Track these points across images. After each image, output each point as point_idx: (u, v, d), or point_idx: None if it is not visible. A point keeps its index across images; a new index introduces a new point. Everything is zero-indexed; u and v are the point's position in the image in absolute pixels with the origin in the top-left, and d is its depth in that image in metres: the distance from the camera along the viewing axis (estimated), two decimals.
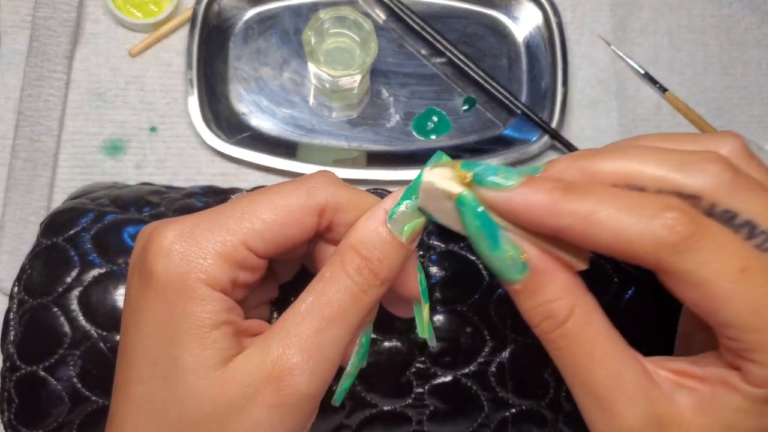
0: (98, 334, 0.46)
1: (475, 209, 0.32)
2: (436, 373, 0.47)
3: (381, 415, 0.48)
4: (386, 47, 0.69)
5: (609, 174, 0.32)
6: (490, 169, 0.31)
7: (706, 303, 0.29)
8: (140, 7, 0.68)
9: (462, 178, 0.32)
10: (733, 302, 0.29)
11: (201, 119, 0.65)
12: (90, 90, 0.67)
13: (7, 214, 0.62)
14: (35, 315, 0.46)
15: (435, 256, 0.49)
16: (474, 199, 0.32)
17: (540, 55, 0.69)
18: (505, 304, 0.47)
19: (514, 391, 0.47)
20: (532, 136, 0.67)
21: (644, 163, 0.31)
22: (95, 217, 0.49)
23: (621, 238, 0.29)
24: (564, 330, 0.32)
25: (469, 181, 0.32)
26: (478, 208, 0.32)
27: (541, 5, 0.69)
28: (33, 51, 0.66)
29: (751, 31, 0.72)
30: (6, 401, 0.46)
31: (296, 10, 0.70)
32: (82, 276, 0.47)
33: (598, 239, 0.30)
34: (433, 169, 0.33)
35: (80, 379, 0.46)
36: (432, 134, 0.68)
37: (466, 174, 0.32)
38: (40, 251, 0.48)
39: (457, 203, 0.32)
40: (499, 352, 0.47)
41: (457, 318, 0.47)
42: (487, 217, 0.32)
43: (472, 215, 0.32)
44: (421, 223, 0.35)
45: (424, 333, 0.38)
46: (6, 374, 0.46)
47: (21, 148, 0.64)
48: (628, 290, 0.48)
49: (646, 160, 0.31)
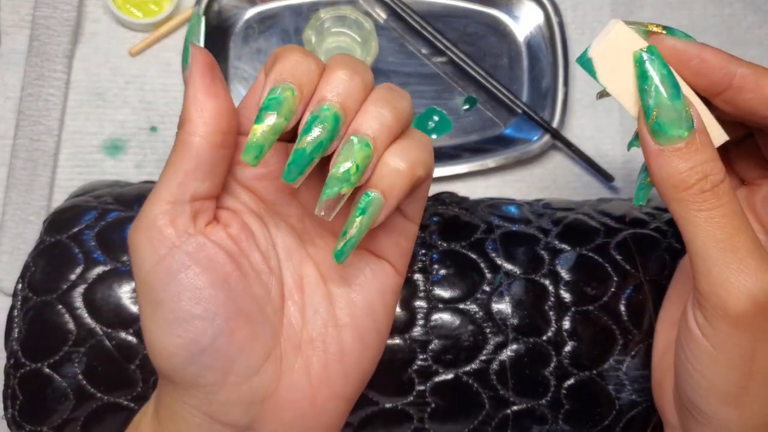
0: (103, 331, 0.46)
1: (663, 59, 0.35)
2: (437, 371, 0.47)
3: (382, 413, 0.48)
4: (387, 47, 0.70)
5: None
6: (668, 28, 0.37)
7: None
8: (140, 7, 0.68)
9: (650, 30, 0.37)
10: None
11: None
12: (90, 89, 0.67)
13: (7, 214, 0.62)
14: (39, 312, 0.46)
15: (437, 254, 0.49)
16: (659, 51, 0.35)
17: (541, 54, 0.69)
18: (507, 303, 0.48)
19: (515, 390, 0.47)
20: (533, 135, 0.67)
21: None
22: (99, 215, 0.49)
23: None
24: (719, 189, 0.34)
25: (657, 31, 0.37)
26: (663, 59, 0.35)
27: (542, 4, 0.69)
28: (33, 50, 0.66)
29: (753, 31, 0.72)
30: (10, 398, 0.46)
31: (296, 10, 0.70)
32: (86, 273, 0.47)
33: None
34: (617, 25, 0.36)
35: (85, 376, 0.46)
36: (432, 134, 0.68)
37: (657, 27, 0.37)
38: (43, 249, 0.48)
39: (648, 52, 0.35)
40: (501, 351, 0.47)
41: (459, 316, 0.47)
42: (670, 69, 0.35)
43: (661, 64, 0.35)
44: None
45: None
46: (10, 371, 0.46)
47: (21, 148, 0.64)
48: (627, 289, 0.48)
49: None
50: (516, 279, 0.48)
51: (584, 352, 0.47)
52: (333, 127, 0.32)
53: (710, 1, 0.73)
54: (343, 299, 0.37)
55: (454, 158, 0.66)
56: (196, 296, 0.33)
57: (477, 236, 0.50)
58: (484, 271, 0.49)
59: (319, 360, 0.36)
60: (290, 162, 0.32)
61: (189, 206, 0.34)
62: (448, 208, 0.53)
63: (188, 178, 0.33)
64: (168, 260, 0.33)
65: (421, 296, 0.48)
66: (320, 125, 0.32)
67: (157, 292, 0.33)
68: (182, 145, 0.33)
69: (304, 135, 0.32)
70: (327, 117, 0.32)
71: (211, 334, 0.33)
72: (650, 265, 0.50)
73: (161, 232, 0.33)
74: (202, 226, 0.34)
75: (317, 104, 0.32)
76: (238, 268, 0.35)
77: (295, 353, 0.36)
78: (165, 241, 0.33)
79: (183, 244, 0.33)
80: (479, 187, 0.67)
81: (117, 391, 0.47)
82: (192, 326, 0.33)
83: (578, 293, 0.48)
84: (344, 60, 0.34)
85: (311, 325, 0.37)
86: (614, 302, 0.48)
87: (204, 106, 0.33)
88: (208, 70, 0.33)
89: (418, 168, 0.33)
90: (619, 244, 0.50)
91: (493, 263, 0.49)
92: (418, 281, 0.48)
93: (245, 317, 0.35)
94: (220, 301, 0.33)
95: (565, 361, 0.47)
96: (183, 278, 0.33)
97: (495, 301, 0.48)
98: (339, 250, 0.33)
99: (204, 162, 0.33)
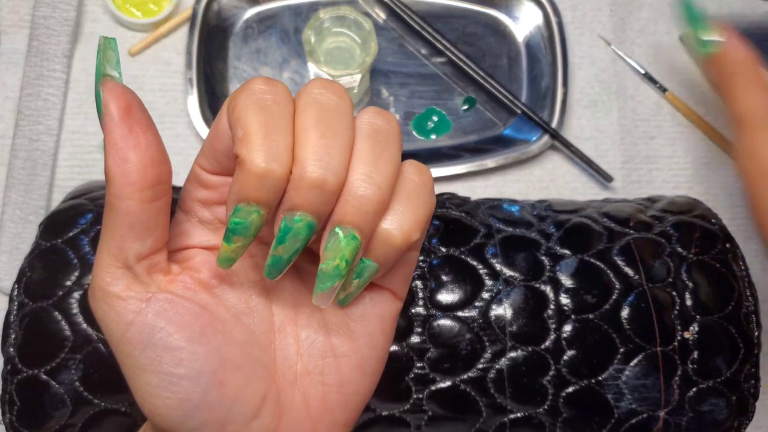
0: (99, 337, 0.46)
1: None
2: (434, 379, 0.47)
3: (379, 420, 0.48)
4: (386, 47, 0.69)
5: None
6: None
7: None
8: (140, 7, 0.68)
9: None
10: None
11: (201, 119, 0.65)
12: (89, 89, 0.67)
13: (7, 214, 0.62)
14: (36, 318, 0.46)
15: (436, 260, 0.49)
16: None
17: (540, 54, 0.69)
18: (506, 310, 0.48)
19: (513, 398, 0.47)
20: (532, 135, 0.67)
21: None
22: (94, 218, 0.49)
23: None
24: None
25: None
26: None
27: (541, 5, 0.69)
28: (32, 50, 0.65)
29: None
30: (8, 403, 0.46)
31: (296, 10, 0.70)
32: (82, 279, 0.47)
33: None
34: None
35: (82, 383, 0.46)
36: (432, 134, 0.68)
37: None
38: (39, 253, 0.48)
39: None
40: (499, 359, 0.47)
41: (457, 324, 0.47)
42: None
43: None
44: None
45: None
46: (7, 377, 0.46)
47: (20, 148, 0.64)
48: (629, 296, 0.48)
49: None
50: (516, 286, 0.48)
51: (583, 360, 0.47)
52: (307, 236, 0.31)
53: (709, 2, 0.73)
54: (341, 329, 0.35)
55: (454, 158, 0.66)
56: (177, 357, 0.31)
57: (477, 241, 0.50)
58: (484, 278, 0.48)
59: (317, 392, 0.35)
60: (269, 265, 0.31)
61: (138, 267, 0.32)
62: (449, 210, 0.53)
63: (126, 242, 0.31)
64: (137, 325, 0.31)
65: (419, 303, 0.48)
66: (293, 237, 0.31)
67: (135, 359, 0.31)
68: (110, 209, 0.31)
69: (279, 245, 0.31)
70: (299, 228, 0.30)
71: (200, 391, 0.32)
72: (653, 271, 0.49)
73: (120, 297, 0.31)
74: (163, 279, 0.33)
75: (289, 212, 0.30)
76: (213, 317, 0.33)
77: (291, 388, 0.35)
78: (128, 306, 0.31)
79: (148, 306, 0.31)
80: (479, 187, 0.67)
81: (114, 396, 0.47)
82: (179, 387, 0.32)
83: (579, 301, 0.48)
84: (318, 135, 0.30)
85: (307, 357, 0.35)
86: (615, 310, 0.48)
87: (125, 163, 0.30)
88: (125, 115, 0.30)
89: (415, 232, 0.32)
90: (622, 249, 0.50)
91: (493, 270, 0.49)
92: (417, 288, 0.48)
93: (232, 365, 0.33)
94: (201, 357, 0.32)
95: (563, 370, 0.47)
96: (158, 341, 0.31)
97: (494, 308, 0.48)
98: (341, 300, 0.34)
99: (138, 223, 0.31)
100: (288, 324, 0.36)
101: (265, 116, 0.30)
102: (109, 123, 0.30)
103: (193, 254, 0.34)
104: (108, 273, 0.31)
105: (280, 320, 0.36)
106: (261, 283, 0.35)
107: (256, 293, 0.35)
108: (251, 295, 0.35)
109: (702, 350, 0.48)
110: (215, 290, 0.34)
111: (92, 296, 0.32)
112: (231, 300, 0.34)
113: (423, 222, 0.32)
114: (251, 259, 0.35)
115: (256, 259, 0.35)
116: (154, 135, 0.31)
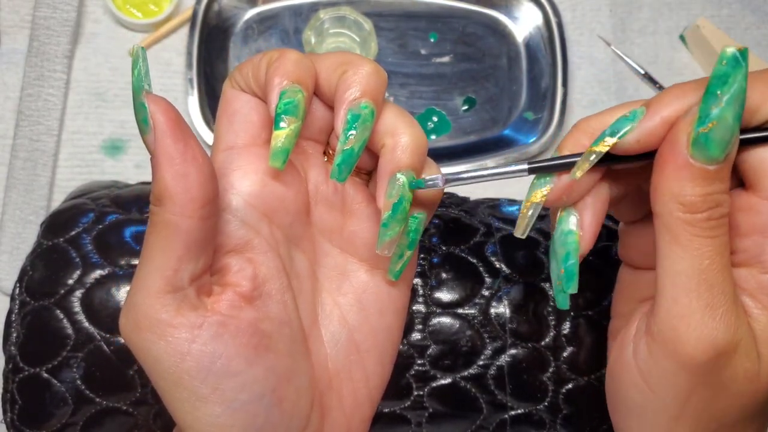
0: (101, 336, 0.46)
1: (747, 72, 0.30)
2: (435, 376, 0.47)
3: (380, 417, 0.48)
4: (386, 47, 0.69)
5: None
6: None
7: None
8: (140, 7, 0.68)
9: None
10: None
11: (201, 119, 0.65)
12: (90, 90, 0.67)
13: (7, 214, 0.62)
14: (37, 317, 0.46)
15: (436, 258, 0.49)
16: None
17: (540, 54, 0.69)
18: (506, 307, 0.48)
19: (513, 395, 0.47)
20: (532, 136, 0.67)
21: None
22: (96, 218, 0.49)
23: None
24: (722, 221, 0.32)
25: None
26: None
27: (541, 5, 0.69)
28: (33, 50, 0.66)
29: (751, 32, 0.72)
30: (9, 402, 0.46)
31: (296, 10, 0.70)
32: (84, 278, 0.47)
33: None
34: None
35: (84, 381, 0.46)
36: (432, 134, 0.68)
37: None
38: (41, 252, 0.48)
39: (741, 54, 0.30)
40: (499, 356, 0.47)
41: (457, 321, 0.47)
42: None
43: (744, 77, 0.30)
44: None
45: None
46: (9, 375, 0.46)
47: (21, 148, 0.64)
48: None
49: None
50: (515, 283, 0.48)
51: (583, 357, 0.47)
52: (371, 123, 0.32)
53: (708, 2, 0.73)
54: (363, 325, 0.36)
55: (454, 159, 0.66)
56: (240, 382, 0.30)
57: (476, 239, 0.50)
58: (484, 275, 0.49)
59: (348, 390, 0.35)
60: (340, 162, 0.31)
61: (190, 289, 0.30)
62: (448, 210, 0.53)
63: (182, 263, 0.29)
64: (195, 354, 0.30)
65: (419, 301, 0.48)
66: (363, 124, 0.31)
67: (193, 389, 0.30)
68: (168, 228, 0.29)
69: (349, 134, 0.31)
70: (366, 115, 0.31)
71: (264, 413, 0.31)
72: None
73: (173, 326, 0.30)
74: (209, 300, 0.31)
75: (354, 102, 0.31)
76: (262, 334, 0.32)
77: (329, 390, 0.35)
78: (181, 334, 0.30)
79: (202, 332, 0.30)
80: (478, 187, 0.67)
81: (115, 395, 0.47)
82: (244, 412, 0.31)
83: (578, 298, 0.48)
84: (360, 57, 0.33)
85: (334, 356, 0.35)
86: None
87: (186, 178, 0.29)
88: (177, 129, 0.29)
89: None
90: None
91: (493, 267, 0.49)
92: (417, 285, 0.48)
93: (285, 380, 0.32)
94: (261, 377, 0.31)
95: (563, 366, 0.47)
96: (220, 368, 0.30)
97: (494, 305, 0.48)
98: (398, 271, 0.35)
99: (194, 242, 0.30)
100: (313, 326, 0.35)
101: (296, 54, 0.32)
102: (162, 136, 0.29)
103: (228, 265, 0.33)
104: (158, 299, 0.29)
105: (308, 323, 0.35)
106: (291, 288, 0.34)
107: (289, 299, 0.34)
108: (286, 302, 0.34)
109: None
110: (257, 303, 0.32)
111: (135, 326, 0.30)
112: (272, 310, 0.33)
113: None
114: (280, 261, 0.34)
115: (284, 261, 0.34)
116: (202, 150, 0.30)
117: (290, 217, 0.34)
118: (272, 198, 0.33)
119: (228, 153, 0.33)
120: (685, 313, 0.31)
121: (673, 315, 0.32)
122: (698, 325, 0.31)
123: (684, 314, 0.31)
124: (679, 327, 0.32)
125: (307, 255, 0.36)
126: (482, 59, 0.70)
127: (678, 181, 0.31)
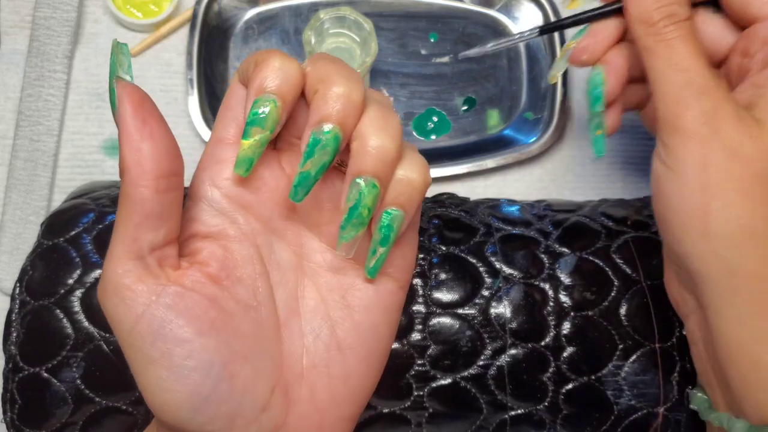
0: (101, 335, 0.46)
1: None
2: (435, 376, 0.47)
3: (380, 417, 0.48)
4: (386, 47, 0.69)
5: None
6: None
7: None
8: (140, 7, 0.68)
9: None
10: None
11: (201, 119, 0.65)
12: (90, 90, 0.67)
13: (7, 214, 0.63)
14: (37, 316, 0.46)
15: (436, 258, 0.49)
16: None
17: (540, 55, 0.69)
18: (506, 307, 0.48)
19: (513, 395, 0.47)
20: (532, 136, 0.67)
21: None
22: (96, 218, 0.50)
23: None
24: (681, 24, 0.41)
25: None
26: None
27: (540, 5, 0.69)
28: (33, 51, 0.66)
29: None
30: (9, 402, 0.46)
31: (296, 10, 0.70)
32: (84, 277, 0.47)
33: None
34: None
35: (83, 381, 0.46)
36: (432, 134, 0.68)
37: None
38: (41, 252, 0.48)
39: None
40: (499, 356, 0.47)
41: (457, 321, 0.47)
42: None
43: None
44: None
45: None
46: (9, 375, 0.46)
47: (21, 148, 0.64)
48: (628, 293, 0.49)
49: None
50: (515, 283, 0.48)
51: (583, 357, 0.47)
52: (335, 148, 0.32)
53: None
54: (346, 321, 0.36)
55: (454, 159, 0.66)
56: (187, 349, 0.32)
57: (476, 240, 0.50)
58: (483, 275, 0.49)
59: (323, 385, 0.36)
60: (296, 184, 0.33)
61: (150, 258, 0.32)
62: (448, 210, 0.53)
63: (140, 232, 0.31)
64: (147, 318, 0.31)
65: (419, 301, 0.48)
66: (322, 149, 0.32)
67: (145, 352, 0.32)
68: (125, 198, 0.31)
69: (308, 159, 0.32)
70: (328, 140, 0.32)
71: (210, 383, 0.32)
72: (652, 269, 0.50)
73: (132, 290, 0.31)
74: (173, 273, 0.33)
75: (317, 125, 0.32)
76: (222, 310, 0.33)
77: (298, 381, 0.35)
78: (138, 298, 0.31)
79: (159, 298, 0.32)
80: (478, 187, 0.67)
81: (115, 395, 0.47)
82: (190, 379, 0.32)
83: (578, 298, 0.48)
84: (338, 70, 0.33)
85: (312, 350, 0.36)
86: (614, 307, 0.48)
87: (140, 152, 0.31)
88: (138, 108, 0.31)
89: (428, 175, 0.34)
90: (620, 247, 0.50)
91: (493, 267, 0.49)
92: (417, 286, 0.48)
93: (242, 357, 0.33)
94: (212, 349, 0.32)
95: (563, 367, 0.47)
96: (168, 333, 0.32)
97: (494, 305, 0.48)
98: (372, 268, 0.35)
99: (153, 212, 0.31)
100: (292, 317, 0.36)
101: (279, 60, 0.33)
102: (124, 115, 0.31)
103: (200, 248, 0.34)
104: (120, 264, 0.32)
105: (285, 314, 0.36)
106: (266, 277, 0.36)
107: (263, 287, 0.35)
108: (258, 288, 0.35)
109: None
110: (224, 283, 0.34)
111: (103, 290, 0.32)
112: (239, 293, 0.34)
113: (428, 170, 0.35)
114: (256, 250, 0.36)
115: (261, 250, 0.36)
116: (166, 127, 0.32)
117: (268, 210, 0.36)
118: (249, 191, 0.35)
119: (216, 145, 0.35)
120: (674, 96, 0.40)
121: (667, 104, 0.41)
122: (685, 99, 0.40)
123: (672, 96, 0.40)
124: (673, 108, 0.40)
125: (292, 248, 0.37)
126: (482, 59, 0.70)
127: (638, 5, 0.42)
